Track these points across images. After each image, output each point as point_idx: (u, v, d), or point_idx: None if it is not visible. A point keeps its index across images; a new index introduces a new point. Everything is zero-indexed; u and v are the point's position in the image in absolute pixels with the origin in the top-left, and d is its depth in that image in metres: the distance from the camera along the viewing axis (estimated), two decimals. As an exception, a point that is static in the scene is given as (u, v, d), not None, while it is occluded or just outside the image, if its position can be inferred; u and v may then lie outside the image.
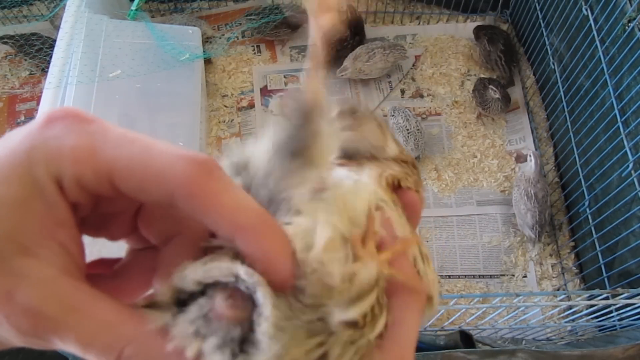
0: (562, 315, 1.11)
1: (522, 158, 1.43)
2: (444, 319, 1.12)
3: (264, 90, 1.54)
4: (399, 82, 1.56)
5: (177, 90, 1.24)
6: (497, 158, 1.44)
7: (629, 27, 1.07)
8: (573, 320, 1.04)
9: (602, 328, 1.08)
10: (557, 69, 1.38)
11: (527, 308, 1.02)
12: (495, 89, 1.39)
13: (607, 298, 0.91)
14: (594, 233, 1.19)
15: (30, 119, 1.49)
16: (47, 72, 1.17)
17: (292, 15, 1.53)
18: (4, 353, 0.20)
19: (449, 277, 1.30)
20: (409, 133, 1.36)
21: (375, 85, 1.54)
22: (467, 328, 1.01)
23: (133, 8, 1.28)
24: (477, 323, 1.10)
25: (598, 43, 1.17)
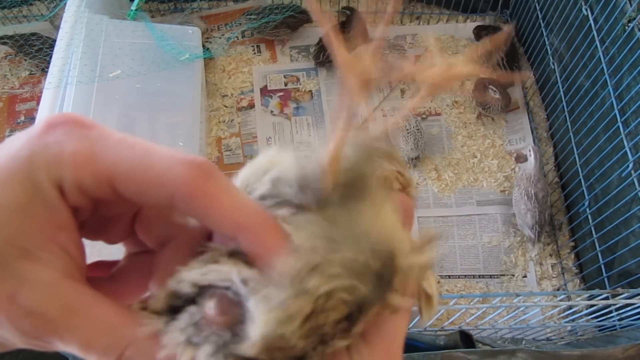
0: (562, 315, 1.11)
1: (522, 158, 1.43)
2: (444, 319, 1.12)
3: (264, 90, 1.54)
4: (399, 82, 1.56)
5: (177, 90, 1.24)
6: (497, 158, 1.44)
7: (629, 27, 1.07)
8: (573, 320, 1.04)
9: (602, 328, 1.08)
10: (557, 69, 1.38)
11: (527, 308, 1.02)
12: (495, 89, 1.39)
13: (607, 298, 0.91)
14: (594, 233, 1.19)
15: (31, 119, 1.49)
16: (47, 72, 1.17)
17: (292, 16, 1.53)
18: (4, 353, 0.20)
19: (449, 277, 1.30)
20: (409, 133, 1.36)
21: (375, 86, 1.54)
22: (467, 328, 1.01)
23: (133, 8, 1.28)
24: (477, 323, 1.10)
25: (598, 43, 1.17)
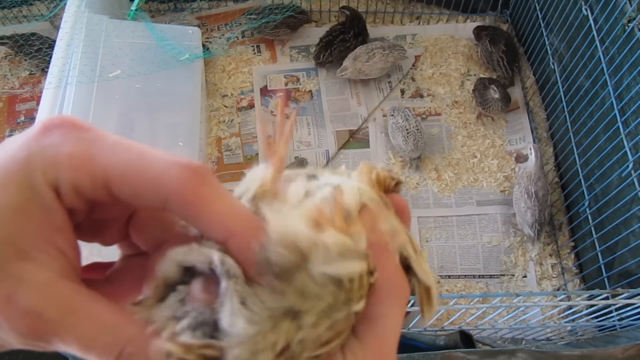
0: (562, 315, 1.11)
1: (522, 158, 1.43)
2: (444, 319, 1.12)
3: (264, 90, 1.54)
4: (399, 82, 1.56)
5: (177, 90, 1.24)
6: (497, 158, 1.44)
7: (629, 27, 1.07)
8: (573, 320, 1.04)
9: (602, 328, 1.08)
10: (557, 69, 1.38)
11: (527, 308, 1.02)
12: (496, 89, 1.39)
13: (607, 298, 0.91)
14: (594, 233, 1.19)
15: (31, 119, 1.49)
16: (47, 72, 1.17)
17: (292, 16, 1.53)
18: (4, 353, 0.20)
19: (449, 277, 1.30)
20: (409, 133, 1.36)
21: (375, 86, 1.54)
22: (467, 328, 1.01)
23: (133, 8, 1.28)
24: (477, 323, 1.10)
25: (598, 43, 1.17)
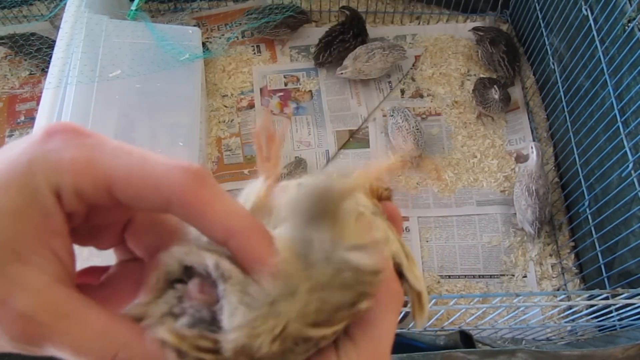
0: (562, 315, 1.11)
1: (522, 158, 1.43)
2: (444, 319, 1.12)
3: (264, 90, 1.54)
4: (399, 82, 1.56)
5: (177, 90, 1.24)
6: (497, 158, 1.44)
7: (629, 27, 1.07)
8: (573, 320, 1.04)
9: (602, 328, 1.08)
10: (557, 69, 1.38)
11: (527, 308, 1.02)
12: (496, 89, 1.39)
13: (607, 298, 0.91)
14: (594, 233, 1.19)
15: (31, 119, 1.50)
16: (47, 72, 1.17)
17: (292, 16, 1.53)
18: (3, 354, 0.20)
19: (449, 277, 1.30)
20: (408, 133, 1.36)
21: (375, 86, 1.54)
22: (467, 328, 1.01)
23: (133, 8, 1.28)
24: (477, 323, 1.10)
25: (598, 43, 1.17)
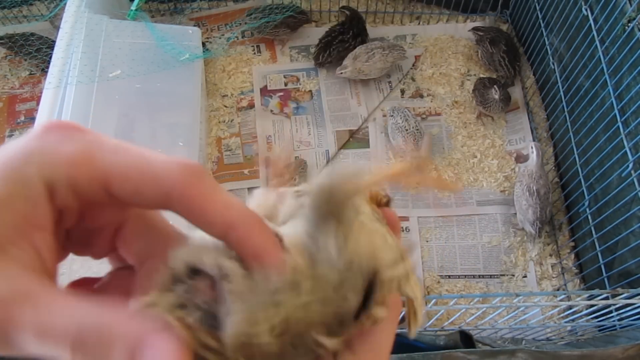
0: (562, 315, 1.11)
1: (522, 158, 1.43)
2: (444, 319, 1.12)
3: (264, 90, 1.54)
4: (399, 82, 1.56)
5: (177, 90, 1.24)
6: (497, 158, 1.44)
7: (629, 27, 1.07)
8: (573, 320, 1.04)
9: (602, 328, 1.08)
10: (557, 69, 1.38)
11: (527, 308, 1.02)
12: (496, 89, 1.39)
13: (607, 298, 0.91)
14: (594, 233, 1.19)
15: (31, 119, 1.50)
16: (47, 72, 1.17)
17: (292, 16, 1.53)
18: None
19: (449, 277, 1.30)
20: (408, 133, 1.36)
21: (375, 86, 1.54)
22: (467, 328, 1.01)
23: (133, 8, 1.28)
24: (477, 323, 1.10)
25: (598, 43, 1.17)
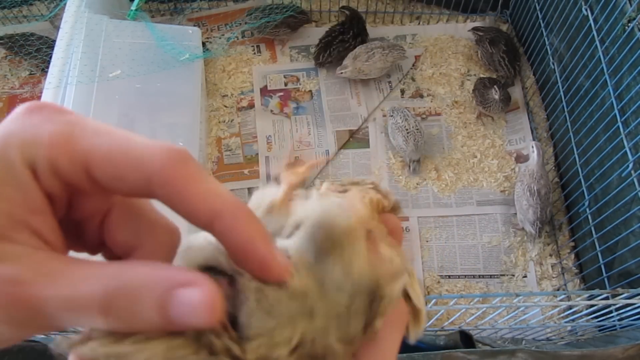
0: (562, 315, 1.11)
1: (522, 158, 1.43)
2: (444, 319, 1.12)
3: (264, 90, 1.54)
4: (399, 82, 1.56)
5: (177, 90, 1.24)
6: (497, 158, 1.44)
7: (629, 27, 1.07)
8: (573, 320, 1.04)
9: (602, 328, 1.08)
10: (557, 69, 1.38)
11: (527, 308, 1.02)
12: (496, 89, 1.39)
13: (607, 298, 0.91)
14: (594, 233, 1.19)
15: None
16: (47, 72, 1.17)
17: (292, 16, 1.53)
18: (4, 353, 0.19)
19: (449, 277, 1.30)
20: (408, 133, 1.36)
21: (375, 85, 1.54)
22: (467, 328, 1.01)
23: (133, 8, 1.28)
24: (477, 323, 1.10)
25: (598, 43, 1.17)
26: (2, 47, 1.51)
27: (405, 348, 0.90)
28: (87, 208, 0.22)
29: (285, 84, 1.55)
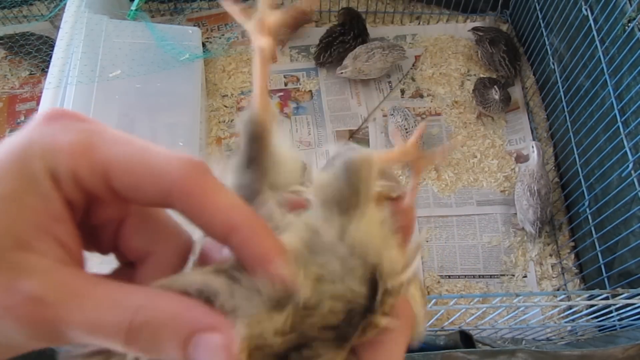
0: (562, 315, 1.11)
1: (522, 158, 1.43)
2: (444, 319, 1.12)
3: (264, 90, 1.53)
4: (399, 82, 1.56)
5: (177, 90, 1.24)
6: (497, 158, 1.44)
7: (629, 27, 1.07)
8: (573, 320, 1.04)
9: (602, 328, 1.08)
10: (557, 69, 1.38)
11: (527, 308, 1.02)
12: (496, 89, 1.39)
13: (607, 298, 0.91)
14: (594, 233, 1.19)
15: (31, 119, 1.52)
16: (47, 72, 1.17)
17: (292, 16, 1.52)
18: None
19: (449, 277, 1.30)
20: (408, 132, 1.36)
21: (375, 86, 1.54)
22: (467, 328, 1.01)
23: (133, 8, 1.28)
24: (477, 323, 1.10)
25: (598, 43, 1.17)
26: (2, 47, 1.51)
27: (405, 348, 0.90)
28: (104, 215, 0.22)
29: (285, 84, 1.55)
